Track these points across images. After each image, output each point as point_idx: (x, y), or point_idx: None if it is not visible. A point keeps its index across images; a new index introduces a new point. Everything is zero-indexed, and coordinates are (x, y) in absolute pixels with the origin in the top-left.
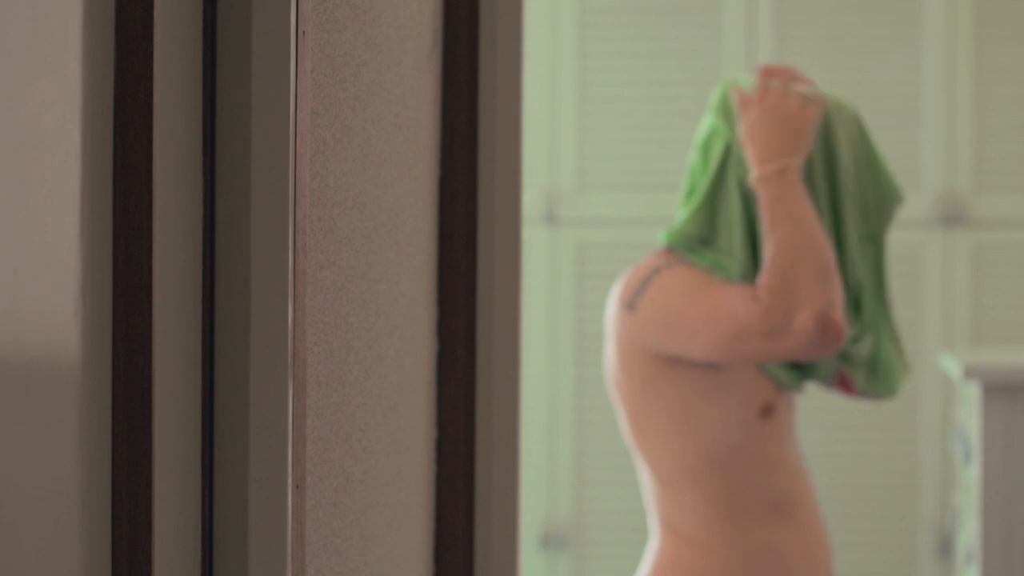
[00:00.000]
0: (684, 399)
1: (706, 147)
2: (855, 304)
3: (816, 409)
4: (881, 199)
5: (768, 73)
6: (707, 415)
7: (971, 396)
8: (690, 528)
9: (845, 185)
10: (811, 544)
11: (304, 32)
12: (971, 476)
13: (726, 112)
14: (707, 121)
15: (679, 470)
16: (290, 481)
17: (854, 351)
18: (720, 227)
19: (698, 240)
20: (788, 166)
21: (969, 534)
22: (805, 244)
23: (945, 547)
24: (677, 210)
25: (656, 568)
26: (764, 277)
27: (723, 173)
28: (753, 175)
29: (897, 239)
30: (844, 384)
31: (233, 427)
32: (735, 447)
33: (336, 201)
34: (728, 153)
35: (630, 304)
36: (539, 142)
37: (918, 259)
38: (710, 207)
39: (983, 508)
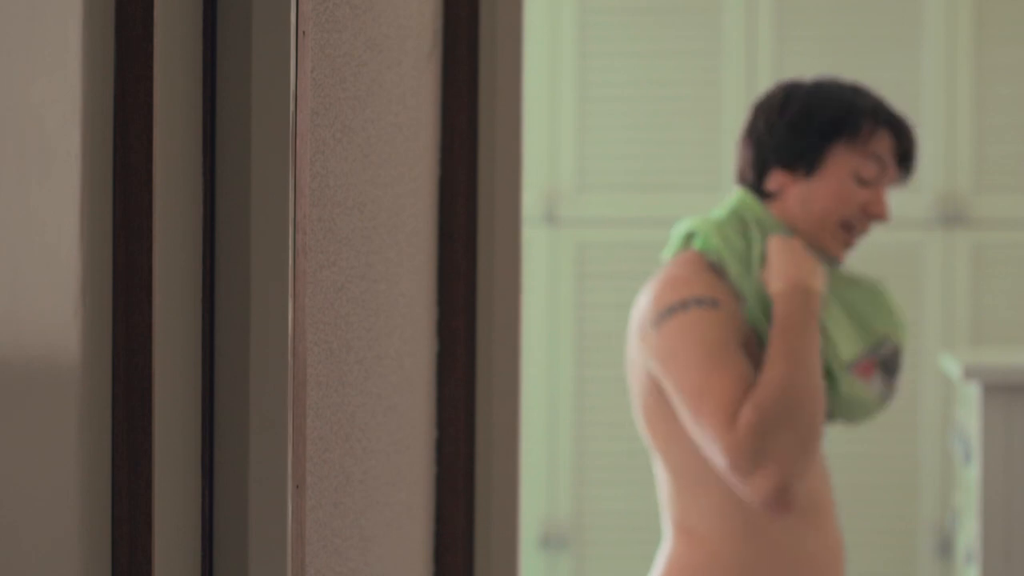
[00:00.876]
0: None
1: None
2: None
3: None
4: None
5: None
6: None
7: (971, 396)
8: (705, 530)
9: None
10: (826, 546)
11: (304, 32)
12: (971, 476)
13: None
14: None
15: (698, 471)
16: (290, 481)
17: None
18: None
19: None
20: (811, 288)
21: (969, 534)
22: (799, 396)
23: (945, 547)
24: (681, 209)
25: (669, 570)
26: (748, 413)
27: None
28: (774, 287)
29: (897, 239)
30: None
31: (233, 427)
32: None
33: (336, 201)
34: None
35: (656, 323)
36: (539, 142)
37: (918, 259)
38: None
39: (983, 508)
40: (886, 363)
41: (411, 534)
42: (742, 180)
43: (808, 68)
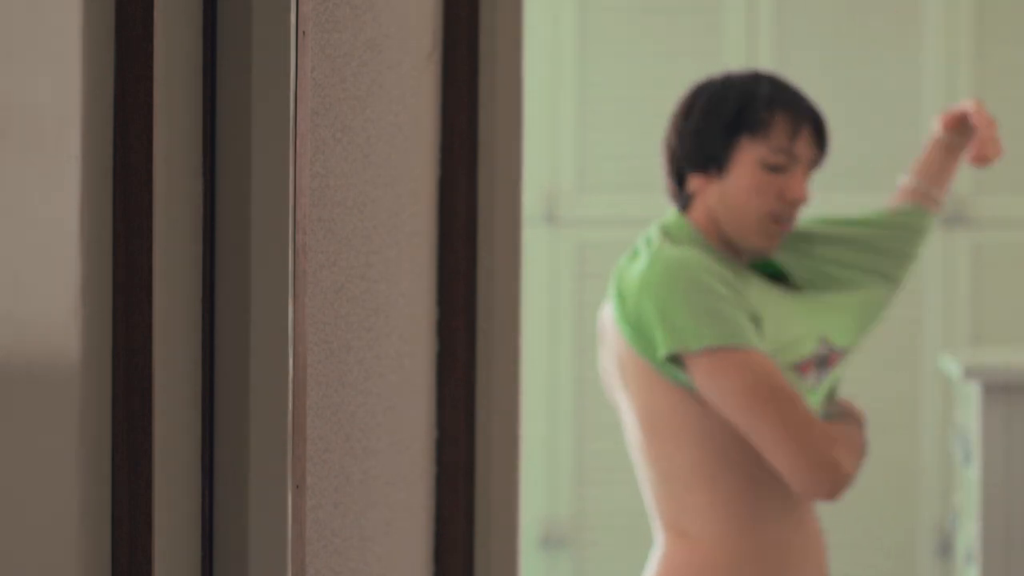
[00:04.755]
0: (692, 398)
1: None
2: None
3: None
4: None
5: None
6: (717, 415)
7: (971, 396)
8: (697, 531)
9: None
10: (811, 537)
11: (304, 32)
12: (971, 476)
13: None
14: None
15: (689, 473)
16: (290, 481)
17: None
18: None
19: None
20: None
21: (969, 534)
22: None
23: (945, 547)
24: None
25: (662, 571)
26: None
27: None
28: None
29: None
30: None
31: (233, 427)
32: (746, 445)
33: (336, 201)
34: None
35: None
36: (539, 142)
37: (918, 259)
38: None
39: (983, 508)
40: (820, 361)
41: (411, 534)
42: (669, 192)
43: (808, 68)
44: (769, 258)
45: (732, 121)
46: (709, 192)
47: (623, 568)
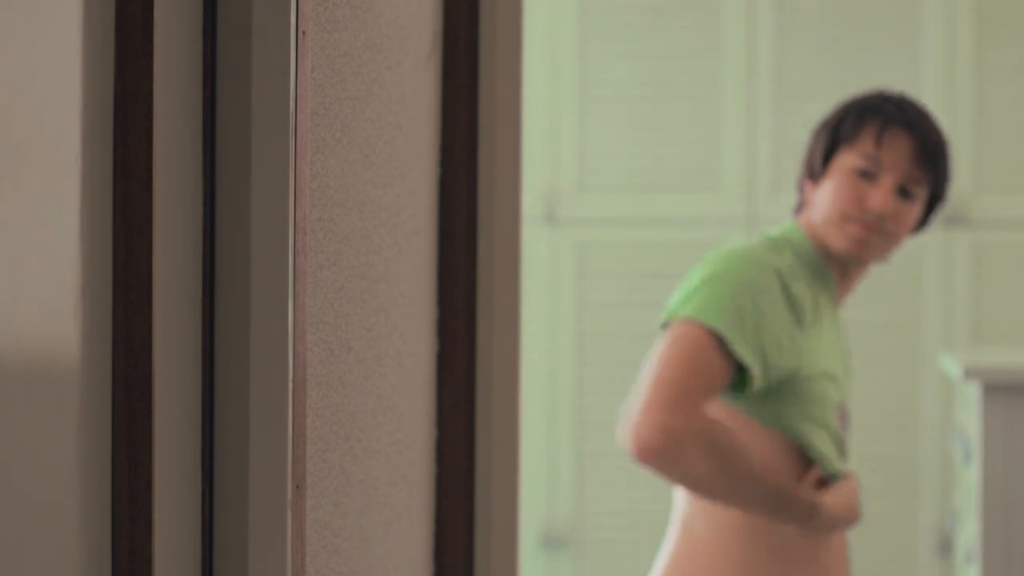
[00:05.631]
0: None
1: None
2: None
3: None
4: None
5: None
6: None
7: (971, 396)
8: (704, 528)
9: None
10: (828, 547)
11: (304, 32)
12: (971, 476)
13: None
14: None
15: None
16: (290, 481)
17: None
18: None
19: None
20: (818, 511)
21: (969, 534)
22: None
23: (945, 547)
24: (681, 209)
25: (666, 565)
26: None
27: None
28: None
29: None
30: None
31: (233, 427)
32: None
33: (336, 201)
34: None
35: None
36: (539, 142)
37: (918, 259)
38: None
39: (983, 508)
40: (844, 417)
41: (411, 534)
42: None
43: (808, 68)
44: (860, 263)
45: (835, 130)
46: (812, 197)
47: (623, 568)
